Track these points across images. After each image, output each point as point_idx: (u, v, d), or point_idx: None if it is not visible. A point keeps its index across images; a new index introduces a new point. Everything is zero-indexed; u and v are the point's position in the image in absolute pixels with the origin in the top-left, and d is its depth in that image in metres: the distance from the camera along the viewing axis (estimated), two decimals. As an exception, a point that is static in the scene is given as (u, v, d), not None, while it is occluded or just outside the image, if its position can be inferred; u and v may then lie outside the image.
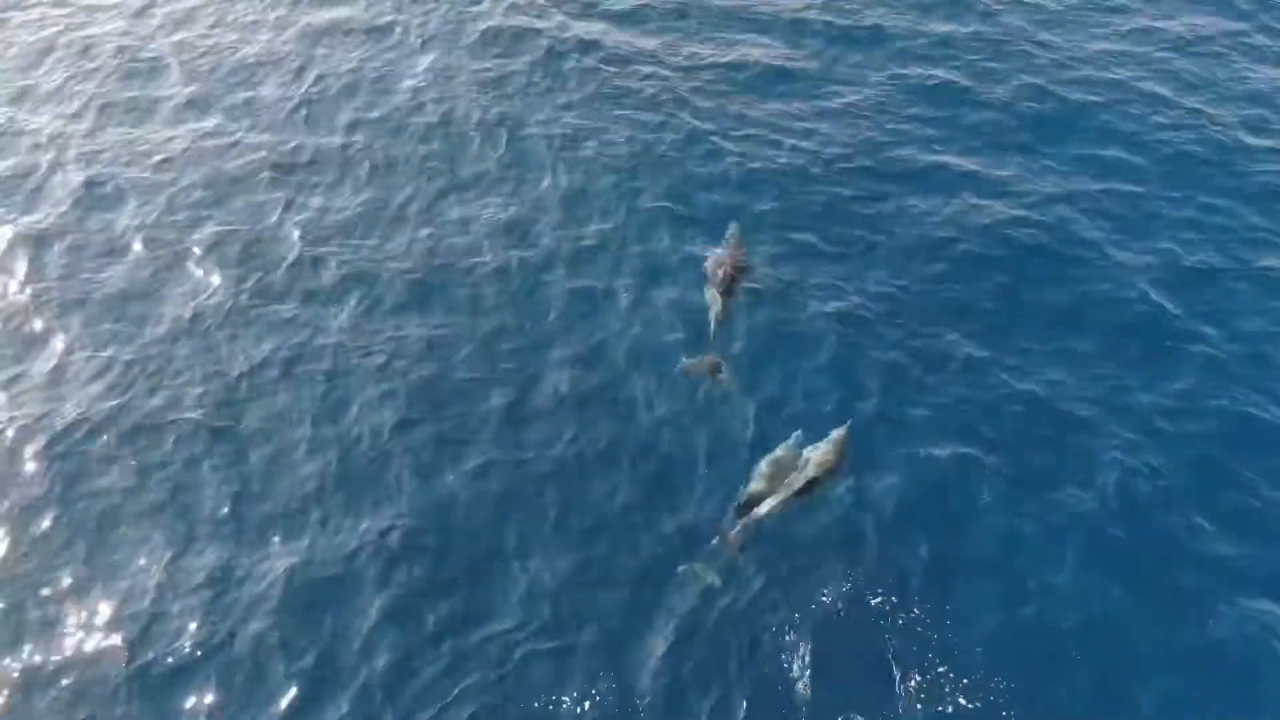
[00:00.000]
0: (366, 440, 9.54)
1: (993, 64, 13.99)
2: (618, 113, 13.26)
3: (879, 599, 8.33)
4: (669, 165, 12.40)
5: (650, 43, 14.55)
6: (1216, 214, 11.76)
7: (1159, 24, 14.81)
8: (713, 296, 10.28)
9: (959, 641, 8.08)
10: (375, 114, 13.30)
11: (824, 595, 8.35)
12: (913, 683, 7.83)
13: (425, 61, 14.22)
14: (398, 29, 14.84)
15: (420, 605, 8.37)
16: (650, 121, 13.07)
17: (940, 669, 7.92)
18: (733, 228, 11.02)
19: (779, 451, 8.88)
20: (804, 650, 8.00)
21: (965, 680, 7.84)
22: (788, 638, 8.10)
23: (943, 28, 14.62)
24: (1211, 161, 12.47)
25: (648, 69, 13.98)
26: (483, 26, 14.80)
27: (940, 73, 13.79)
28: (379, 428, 9.63)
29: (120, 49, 14.51)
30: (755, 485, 8.67)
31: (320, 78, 13.92)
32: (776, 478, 8.68)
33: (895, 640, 8.07)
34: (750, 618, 8.24)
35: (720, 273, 10.39)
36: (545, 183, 12.21)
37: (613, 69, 13.98)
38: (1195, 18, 14.94)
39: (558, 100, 13.50)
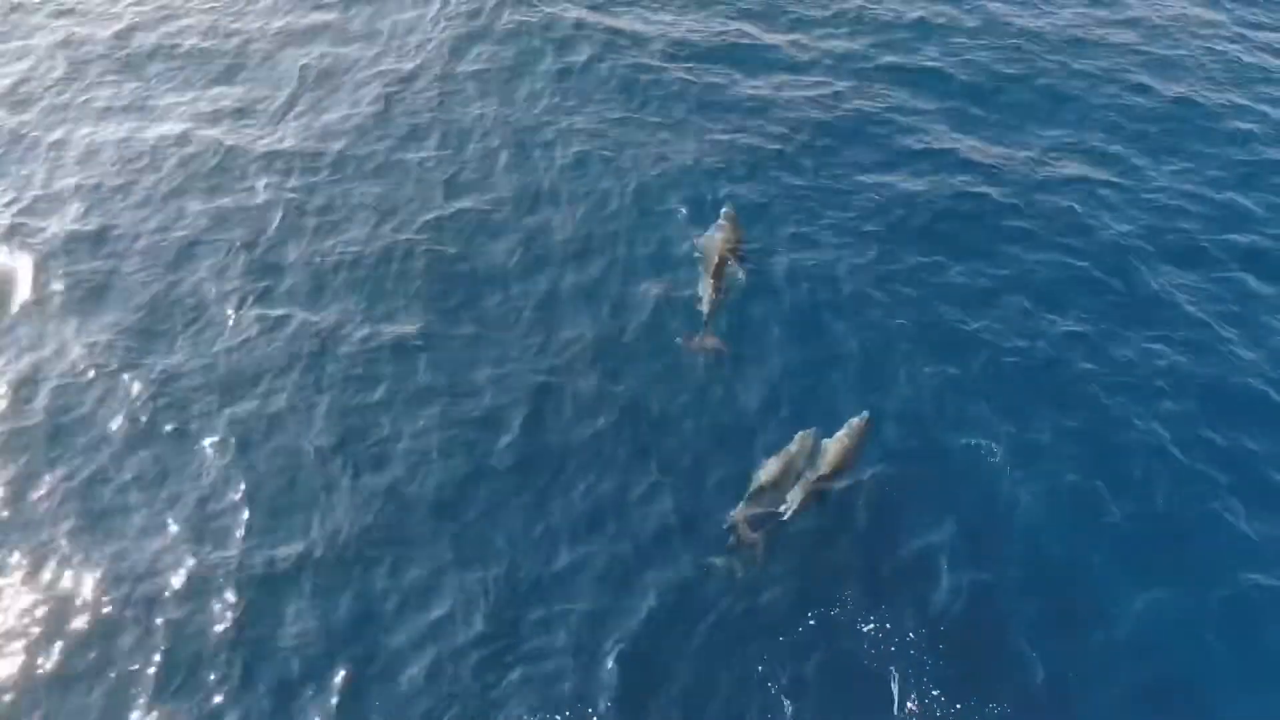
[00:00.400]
0: (373, 440, 9.57)
1: (976, 48, 14.27)
2: (611, 100, 13.43)
3: (889, 600, 8.31)
4: (664, 153, 12.51)
5: (641, 28, 14.69)
6: (1195, 189, 12.17)
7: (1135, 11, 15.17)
8: (706, 281, 10.28)
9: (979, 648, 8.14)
10: (376, 115, 13.30)
11: (829, 597, 8.33)
12: (912, 701, 7.78)
13: (420, 60, 14.25)
14: (395, 31, 14.89)
15: (428, 611, 8.37)
16: (641, 112, 13.22)
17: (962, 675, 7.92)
18: (725, 210, 11.02)
19: (793, 446, 8.86)
20: (811, 657, 8.00)
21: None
22: (793, 642, 8.09)
23: (926, 14, 14.91)
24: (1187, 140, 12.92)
25: (640, 56, 14.13)
26: (476, 24, 14.90)
27: (929, 61, 14.03)
28: (387, 428, 9.66)
29: (127, 50, 14.55)
30: (767, 477, 8.66)
31: (321, 84, 13.90)
32: (789, 470, 8.67)
33: (902, 646, 8.06)
34: (752, 621, 8.23)
35: (714, 257, 10.39)
36: (543, 176, 12.33)
37: (608, 56, 14.11)
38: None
39: (553, 93, 13.60)
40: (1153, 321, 10.60)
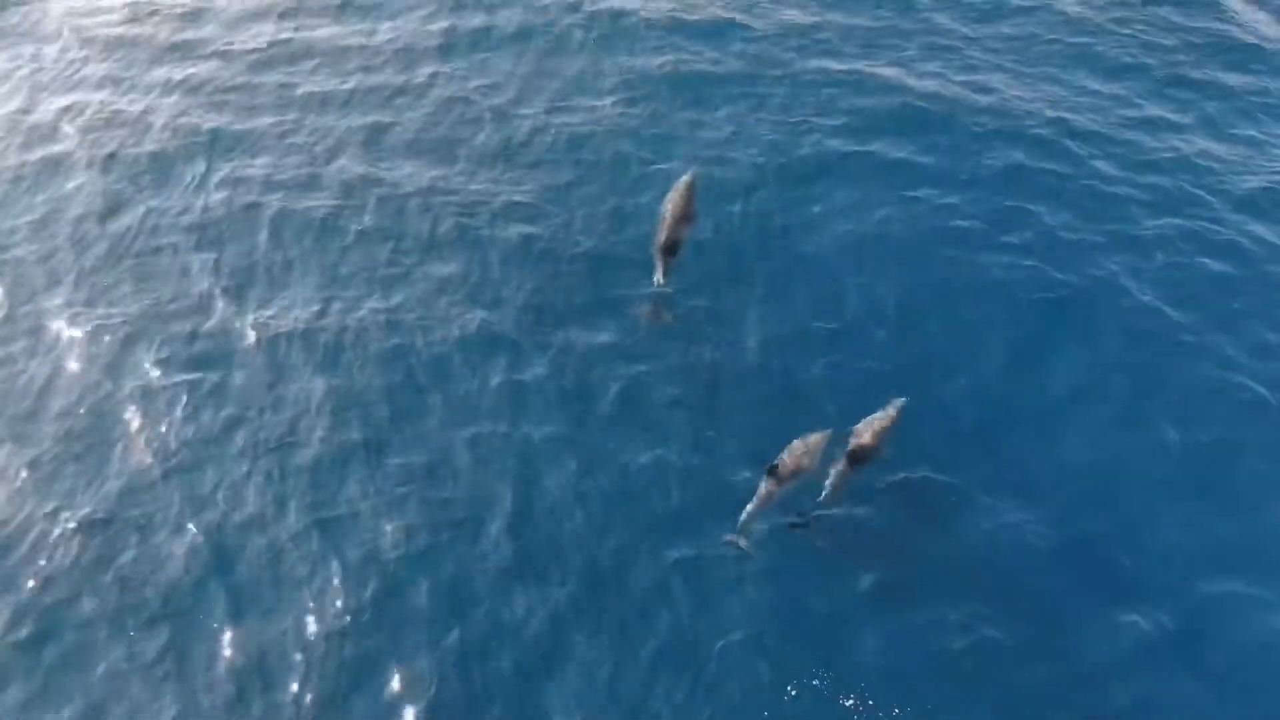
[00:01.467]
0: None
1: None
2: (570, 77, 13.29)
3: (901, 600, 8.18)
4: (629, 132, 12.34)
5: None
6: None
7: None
8: (657, 253, 10.00)
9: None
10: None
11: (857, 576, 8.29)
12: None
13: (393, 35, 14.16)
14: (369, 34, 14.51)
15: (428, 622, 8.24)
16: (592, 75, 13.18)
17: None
18: (683, 179, 10.46)
19: (810, 439, 8.57)
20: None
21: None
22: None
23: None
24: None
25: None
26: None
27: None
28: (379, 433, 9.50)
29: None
30: (788, 456, 8.35)
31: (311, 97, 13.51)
32: (809, 453, 8.43)
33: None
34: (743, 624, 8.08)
35: (666, 228, 10.05)
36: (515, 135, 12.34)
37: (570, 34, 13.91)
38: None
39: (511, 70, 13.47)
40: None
